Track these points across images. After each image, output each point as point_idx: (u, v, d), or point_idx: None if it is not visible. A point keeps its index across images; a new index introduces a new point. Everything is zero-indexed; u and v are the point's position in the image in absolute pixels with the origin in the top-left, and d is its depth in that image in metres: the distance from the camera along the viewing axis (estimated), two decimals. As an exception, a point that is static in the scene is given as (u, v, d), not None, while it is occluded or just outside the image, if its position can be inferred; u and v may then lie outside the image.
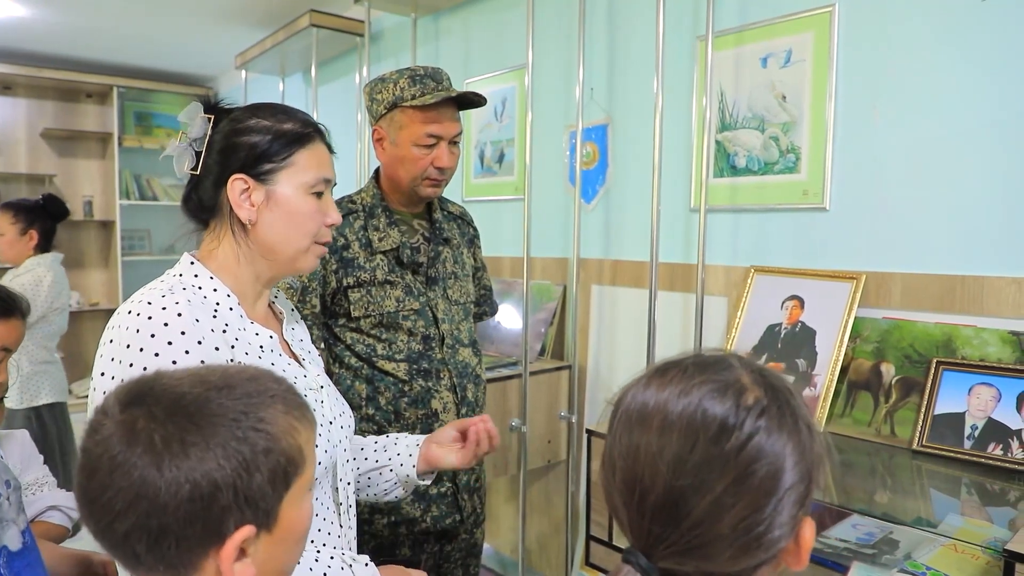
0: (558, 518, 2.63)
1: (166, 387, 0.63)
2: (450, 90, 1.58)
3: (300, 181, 1.04)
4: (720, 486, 0.60)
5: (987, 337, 1.56)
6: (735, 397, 0.62)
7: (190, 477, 0.59)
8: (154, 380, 0.64)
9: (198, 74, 5.39)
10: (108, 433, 0.60)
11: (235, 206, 1.01)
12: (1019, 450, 1.43)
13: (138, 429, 0.60)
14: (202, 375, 0.65)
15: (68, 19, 4.02)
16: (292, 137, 1.03)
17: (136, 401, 0.62)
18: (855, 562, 1.22)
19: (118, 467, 0.59)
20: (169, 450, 0.59)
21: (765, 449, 0.61)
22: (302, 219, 1.04)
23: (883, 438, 1.64)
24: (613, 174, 2.43)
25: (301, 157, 1.04)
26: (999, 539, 1.11)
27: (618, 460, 0.65)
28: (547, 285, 2.64)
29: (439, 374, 1.61)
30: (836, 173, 1.83)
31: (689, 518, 0.60)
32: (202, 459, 0.59)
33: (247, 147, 1.01)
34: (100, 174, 5.43)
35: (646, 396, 0.66)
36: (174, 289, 0.96)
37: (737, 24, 2.03)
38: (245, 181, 1.01)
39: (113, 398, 0.63)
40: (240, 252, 1.04)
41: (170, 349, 0.89)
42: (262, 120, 1.03)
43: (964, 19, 1.61)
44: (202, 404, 0.62)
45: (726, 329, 2.04)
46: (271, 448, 0.63)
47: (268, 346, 1.04)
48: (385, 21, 3.46)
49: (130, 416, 0.61)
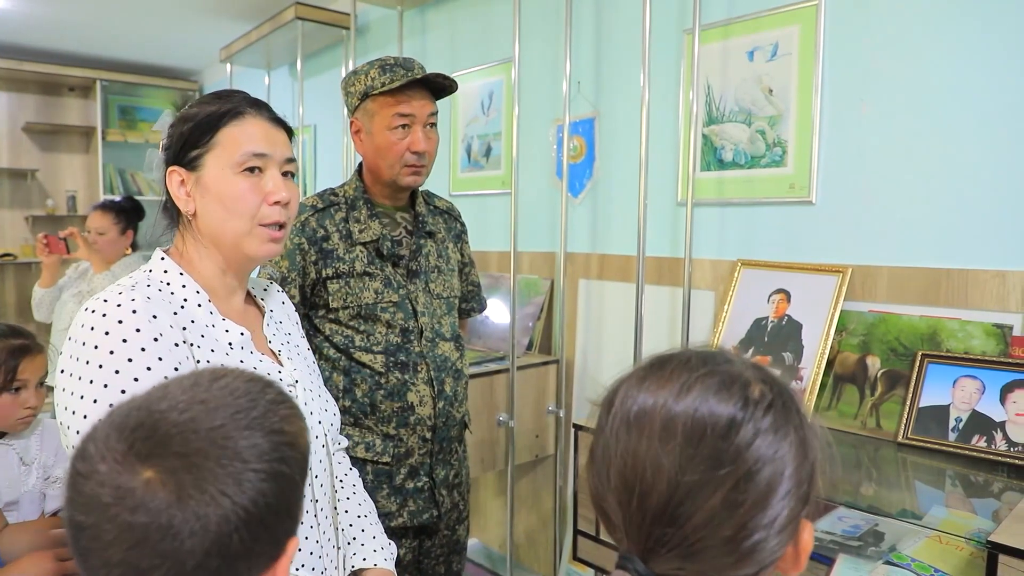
0: (546, 513, 2.63)
1: (180, 425, 0.58)
2: (418, 72, 1.59)
3: (226, 161, 0.99)
4: (728, 483, 0.57)
5: (972, 330, 1.57)
6: (741, 390, 0.60)
7: (254, 513, 0.57)
8: (159, 419, 0.59)
9: (183, 67, 5.34)
10: (144, 497, 0.54)
11: (175, 199, 1.01)
12: (1003, 442, 1.43)
13: (185, 486, 0.55)
14: (199, 397, 0.61)
15: (50, 11, 3.97)
16: (215, 118, 1.00)
17: (159, 452, 0.57)
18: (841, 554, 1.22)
19: (180, 531, 0.54)
20: (227, 494, 0.56)
21: (772, 444, 0.59)
22: (233, 200, 0.99)
23: (869, 431, 1.65)
24: (600, 168, 2.43)
25: (224, 136, 1.00)
26: (983, 530, 1.11)
27: (614, 459, 0.62)
28: (534, 279, 2.64)
29: (416, 367, 1.61)
30: (822, 167, 1.84)
31: (694, 518, 0.58)
32: (260, 491, 0.58)
33: (176, 137, 1.01)
34: (83, 169, 5.38)
35: (644, 393, 0.63)
36: (137, 285, 0.95)
37: (724, 17, 2.02)
38: (179, 173, 1.00)
39: (119, 452, 0.57)
40: (198, 247, 1.03)
41: (125, 347, 0.88)
42: (192, 108, 1.02)
43: (949, 13, 1.61)
44: (231, 435, 0.59)
45: (713, 323, 2.04)
46: (298, 457, 0.63)
47: (238, 343, 1.02)
48: (371, 14, 3.44)
49: (164, 470, 0.56)
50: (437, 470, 1.66)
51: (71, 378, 0.88)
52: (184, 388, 0.62)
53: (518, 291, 2.53)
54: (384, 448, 1.59)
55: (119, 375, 0.87)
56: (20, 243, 5.20)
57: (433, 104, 1.63)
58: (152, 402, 0.61)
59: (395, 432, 1.60)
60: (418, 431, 1.61)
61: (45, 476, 1.61)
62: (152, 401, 0.61)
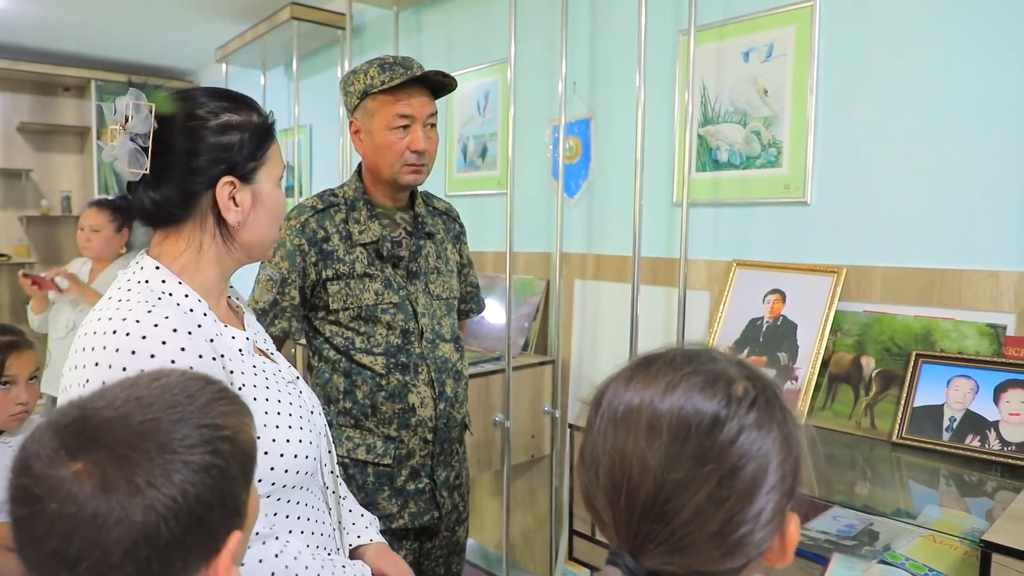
0: (542, 513, 2.63)
1: (111, 421, 0.59)
2: (417, 70, 1.58)
3: (275, 175, 1.02)
4: (713, 479, 0.59)
5: (965, 330, 1.57)
6: (725, 388, 0.61)
7: (183, 504, 0.58)
8: (92, 415, 0.60)
9: (178, 68, 5.33)
10: (72, 489, 0.55)
11: (224, 209, 0.96)
12: (996, 441, 1.44)
13: (110, 476, 0.56)
14: (136, 395, 0.62)
15: (45, 11, 3.96)
16: (264, 131, 1.01)
17: (87, 445, 0.57)
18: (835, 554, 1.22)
19: (105, 521, 0.55)
20: (155, 485, 0.57)
21: (756, 440, 0.60)
22: (280, 212, 1.05)
23: (863, 430, 1.65)
24: (596, 168, 2.43)
25: (273, 151, 1.02)
26: (977, 530, 1.12)
27: (602, 458, 0.63)
28: (530, 280, 2.64)
29: (417, 368, 1.60)
30: (817, 167, 1.84)
31: (681, 514, 0.59)
32: (190, 482, 0.58)
33: (232, 147, 0.96)
34: (78, 169, 5.37)
35: (631, 392, 0.64)
36: (151, 300, 0.91)
37: (719, 18, 2.03)
38: (233, 183, 0.96)
39: (51, 447, 0.57)
40: (219, 254, 1.00)
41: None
42: (233, 115, 0.97)
43: (944, 15, 1.61)
44: (163, 427, 0.59)
45: (708, 323, 2.04)
46: (236, 451, 0.64)
47: (245, 349, 1.01)
48: (367, 14, 3.43)
49: (91, 463, 0.56)
50: (438, 471, 1.66)
51: None
52: (123, 387, 0.63)
53: (514, 291, 2.53)
54: (385, 450, 1.59)
55: None
56: (15, 243, 5.19)
57: (432, 104, 1.63)
58: (89, 401, 0.62)
59: (396, 434, 1.59)
60: (419, 432, 1.61)
61: None
62: (90, 400, 0.62)
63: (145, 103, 0.91)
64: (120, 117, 0.91)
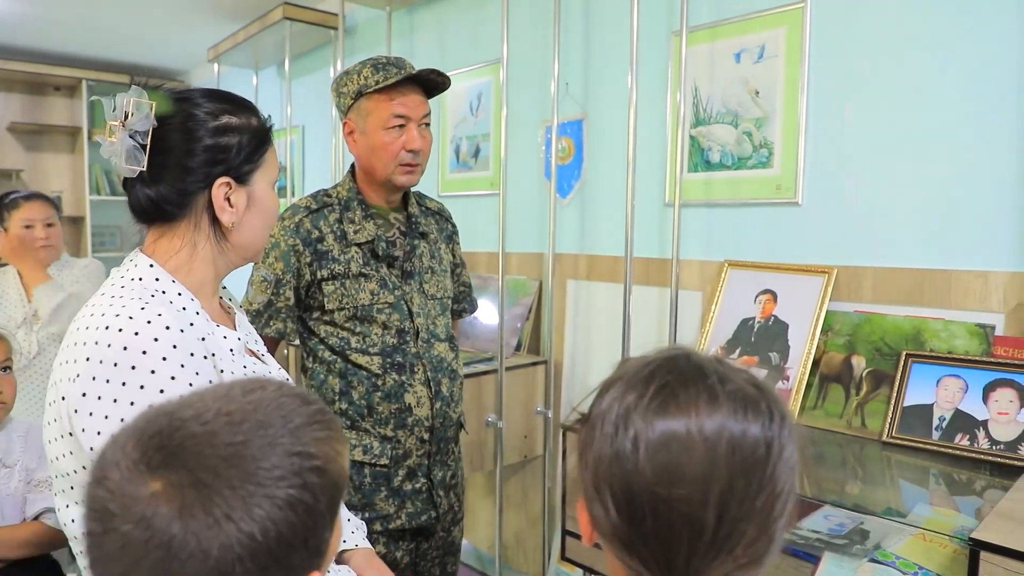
0: (535, 513, 2.64)
1: (197, 437, 0.54)
2: (411, 69, 1.58)
3: (270, 178, 1.04)
4: (766, 502, 0.58)
5: (955, 330, 1.58)
6: (755, 408, 0.60)
7: (262, 543, 0.53)
8: (178, 427, 0.55)
9: (170, 67, 5.31)
10: (147, 512, 0.51)
11: (219, 210, 0.97)
12: (985, 440, 1.45)
13: (188, 503, 0.52)
14: (227, 409, 0.57)
15: (36, 10, 3.93)
16: (262, 135, 1.02)
17: (169, 462, 0.53)
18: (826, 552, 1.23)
19: (178, 553, 0.51)
20: (233, 519, 0.52)
21: (792, 455, 0.60)
22: (272, 215, 1.06)
23: (854, 430, 1.66)
24: (588, 169, 2.43)
25: (269, 154, 1.03)
26: (966, 528, 1.12)
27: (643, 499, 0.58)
28: (523, 280, 2.64)
29: (413, 368, 1.60)
30: (808, 168, 1.85)
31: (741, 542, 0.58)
32: (272, 519, 0.53)
33: (230, 148, 0.97)
34: (69, 169, 5.33)
35: (668, 420, 0.59)
36: (144, 297, 0.91)
37: (711, 20, 2.03)
38: (229, 184, 0.97)
39: (132, 458, 0.54)
40: (212, 253, 1.01)
41: (165, 365, 0.86)
42: (232, 117, 0.98)
43: (933, 16, 1.63)
44: (250, 453, 0.54)
45: (700, 323, 2.05)
46: (325, 484, 0.58)
47: (236, 348, 1.01)
48: (359, 15, 3.43)
49: (171, 483, 0.52)
50: (435, 471, 1.66)
51: (101, 401, 0.84)
52: (216, 397, 0.58)
53: (506, 292, 2.53)
54: (382, 450, 1.59)
55: (164, 395, 0.85)
56: (5, 244, 5.15)
57: (427, 104, 1.63)
58: (178, 408, 0.57)
59: (393, 434, 1.59)
60: (416, 432, 1.61)
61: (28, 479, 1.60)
62: (178, 408, 0.57)
63: (146, 101, 0.92)
64: (120, 114, 0.92)
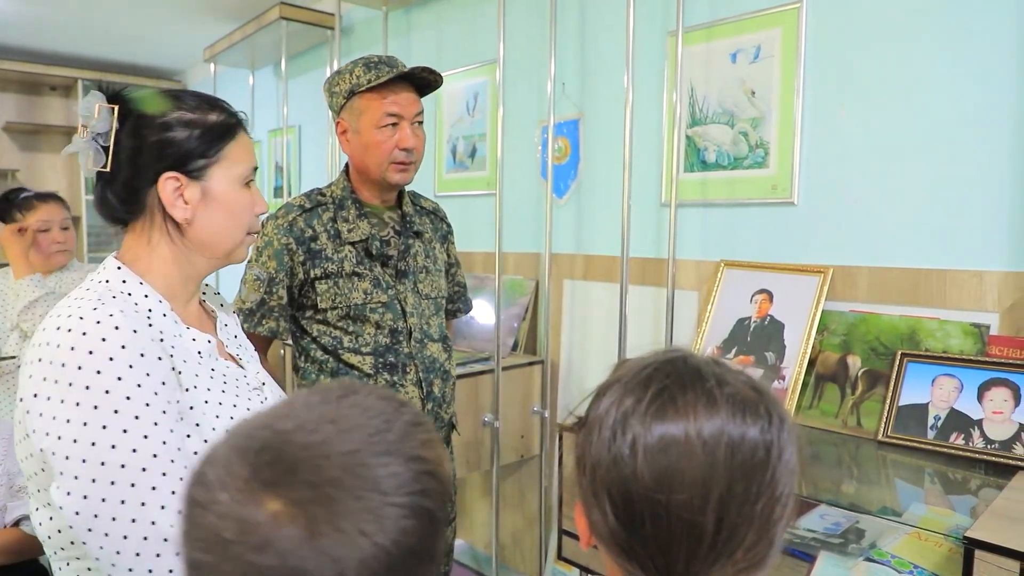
0: (531, 513, 2.64)
1: (309, 448, 0.50)
2: (403, 68, 1.59)
3: (235, 174, 1.01)
4: (767, 505, 0.58)
5: (950, 329, 1.59)
6: (753, 411, 0.59)
7: (396, 556, 0.49)
8: (285, 440, 0.51)
9: (166, 67, 5.30)
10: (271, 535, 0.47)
11: (169, 206, 0.97)
12: (980, 439, 1.45)
13: (316, 521, 0.47)
14: (328, 416, 0.53)
15: (31, 10, 3.92)
16: (221, 130, 1.00)
17: (285, 478, 0.49)
18: (822, 551, 1.23)
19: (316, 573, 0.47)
20: (366, 533, 0.48)
21: (791, 457, 0.60)
22: (239, 212, 1.03)
23: (849, 429, 1.67)
24: (584, 169, 2.43)
25: (232, 150, 1.01)
26: (961, 527, 1.12)
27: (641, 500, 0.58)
28: (519, 280, 2.64)
29: (405, 368, 1.60)
30: (804, 168, 1.85)
31: (736, 552, 0.58)
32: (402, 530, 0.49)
33: (175, 143, 0.96)
34: (65, 169, 5.32)
35: (666, 424, 0.58)
36: (103, 299, 0.92)
37: (707, 20, 2.04)
38: (177, 179, 0.97)
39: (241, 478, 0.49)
40: (174, 252, 1.00)
41: (112, 365, 0.86)
42: (185, 113, 0.98)
43: (929, 16, 1.63)
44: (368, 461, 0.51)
45: (696, 323, 2.05)
46: (441, 490, 0.55)
47: (206, 351, 1.01)
48: (356, 14, 3.43)
49: (291, 502, 0.48)
50: None
51: (50, 402, 0.85)
52: (310, 406, 0.54)
53: (503, 292, 2.53)
54: None
55: (109, 395, 0.85)
56: (0, 244, 5.13)
57: (419, 102, 1.63)
58: (275, 421, 0.53)
59: None
60: None
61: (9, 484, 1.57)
62: (275, 420, 0.53)
63: (106, 104, 0.94)
64: (87, 116, 0.94)
